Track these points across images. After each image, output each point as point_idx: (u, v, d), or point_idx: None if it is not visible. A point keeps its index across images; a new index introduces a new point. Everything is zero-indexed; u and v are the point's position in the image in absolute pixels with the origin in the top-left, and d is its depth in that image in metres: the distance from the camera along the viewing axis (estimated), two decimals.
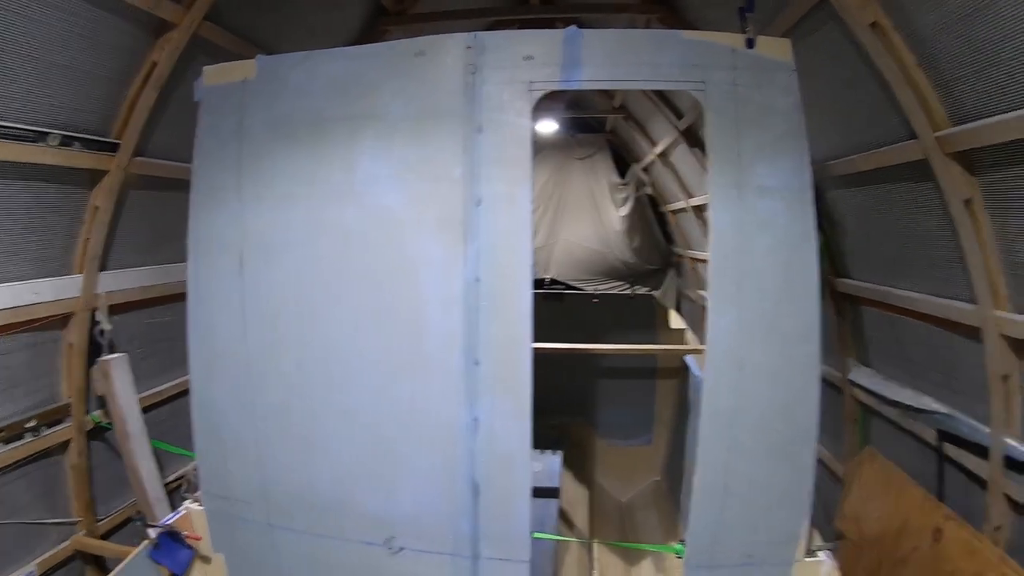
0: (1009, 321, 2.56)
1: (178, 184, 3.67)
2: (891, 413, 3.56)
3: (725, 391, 2.24)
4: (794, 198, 2.22)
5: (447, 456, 2.34)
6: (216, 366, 2.58)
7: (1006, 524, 2.68)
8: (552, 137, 8.74)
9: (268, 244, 2.50)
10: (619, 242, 9.07)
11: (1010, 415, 2.65)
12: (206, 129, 2.65)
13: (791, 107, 2.26)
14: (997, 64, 2.24)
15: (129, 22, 3.10)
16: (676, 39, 2.30)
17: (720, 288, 2.21)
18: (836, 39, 2.96)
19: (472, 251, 2.26)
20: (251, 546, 2.68)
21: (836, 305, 3.99)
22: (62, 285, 3.32)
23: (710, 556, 2.38)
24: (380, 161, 2.38)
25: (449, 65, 2.34)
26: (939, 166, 2.64)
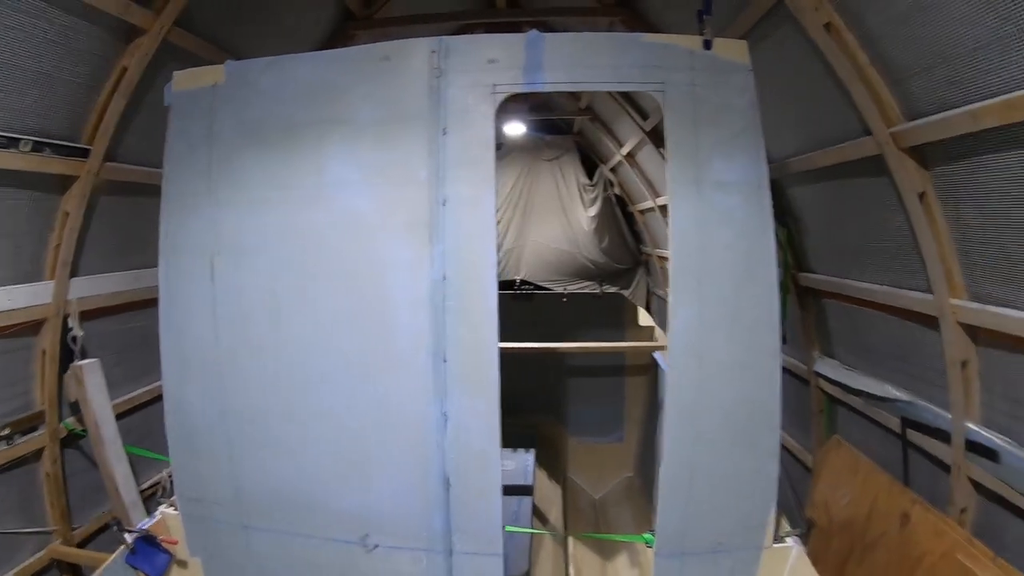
0: (965, 309, 2.65)
1: (149, 189, 3.66)
2: (856, 402, 3.66)
3: (689, 382, 2.30)
4: (752, 192, 2.28)
5: (419, 453, 2.38)
6: (188, 369, 2.59)
7: (971, 506, 2.76)
8: (520, 139, 8.83)
9: (239, 247, 2.52)
10: (588, 242, 9.18)
11: (970, 400, 2.73)
12: (176, 134, 2.67)
13: (747, 106, 2.33)
14: (945, 61, 2.33)
15: (99, 28, 3.10)
16: (635, 42, 2.36)
17: (681, 282, 2.27)
18: (792, 40, 3.04)
19: (438, 251, 2.30)
20: (227, 548, 2.69)
21: (800, 299, 4.08)
22: (34, 291, 3.30)
23: (680, 545, 2.43)
24: (348, 164, 2.41)
25: (415, 69, 2.38)
26: (893, 161, 2.73)
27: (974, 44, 2.16)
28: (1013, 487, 2.49)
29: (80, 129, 3.35)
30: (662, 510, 2.39)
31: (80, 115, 3.31)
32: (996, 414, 2.64)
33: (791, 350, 4.27)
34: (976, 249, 2.58)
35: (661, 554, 2.43)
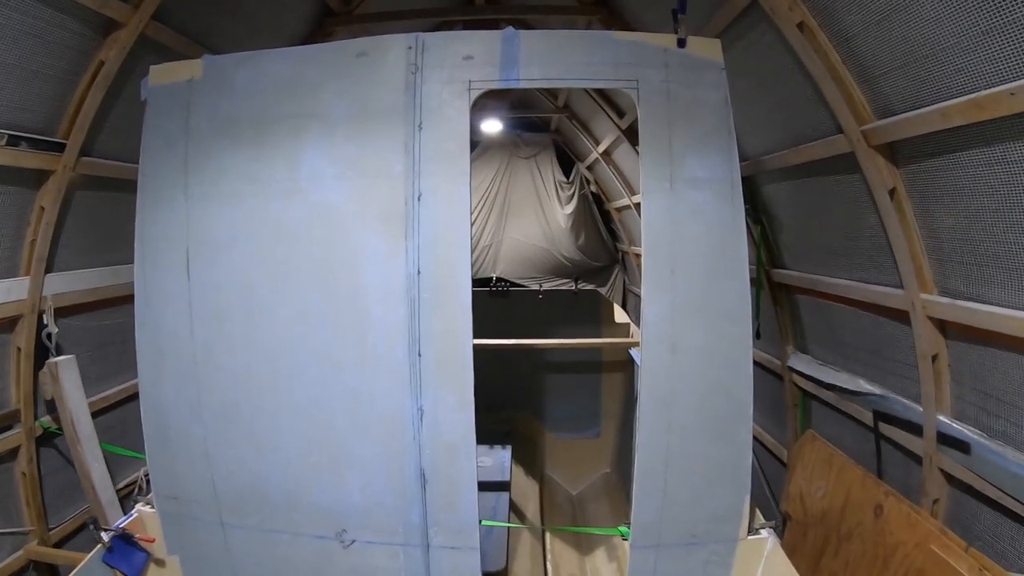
0: (935, 304, 2.71)
1: (125, 184, 3.64)
2: (829, 397, 3.72)
3: (661, 374, 2.32)
4: (723, 188, 2.31)
5: (394, 448, 2.38)
6: (164, 365, 2.58)
7: (943, 497, 2.82)
8: (498, 136, 8.86)
9: (214, 242, 2.51)
10: (565, 239, 9.25)
11: (940, 393, 2.80)
12: (152, 128, 2.65)
13: (721, 103, 2.36)
14: (916, 61, 2.38)
15: (77, 21, 3.07)
16: (610, 40, 2.38)
17: (653, 275, 2.29)
18: (767, 39, 3.09)
19: (413, 245, 2.31)
20: (205, 546, 2.68)
21: (774, 295, 4.14)
22: (8, 287, 3.26)
23: (655, 537, 2.46)
24: (324, 159, 2.41)
25: (391, 65, 2.39)
26: (864, 158, 2.78)
27: (944, 44, 2.21)
28: (984, 478, 2.55)
29: (56, 123, 3.31)
30: (637, 501, 2.41)
31: (56, 109, 3.27)
32: (966, 406, 2.70)
33: (765, 346, 4.32)
34: (945, 245, 2.63)
35: (636, 546, 2.45)
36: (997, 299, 2.41)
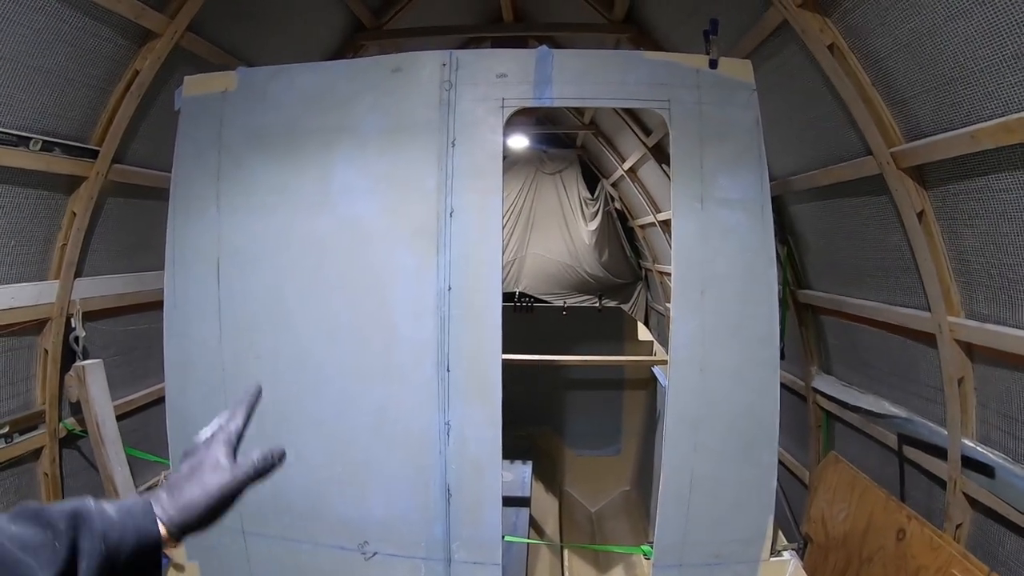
0: (962, 326, 2.69)
1: (156, 192, 3.69)
2: (853, 419, 3.69)
3: (690, 392, 2.32)
4: (754, 209, 2.31)
5: (420, 462, 2.39)
6: (191, 373, 2.60)
7: (966, 521, 2.78)
8: (523, 152, 8.91)
9: (245, 253, 2.54)
10: (588, 256, 9.26)
11: (966, 416, 2.77)
12: (185, 138, 2.69)
13: (752, 124, 2.36)
14: (946, 84, 2.38)
15: (113, 30, 3.12)
16: (643, 60, 2.40)
17: (683, 295, 2.30)
18: (797, 61, 3.09)
19: (444, 261, 2.33)
20: (225, 553, 2.69)
21: (799, 315, 4.12)
22: (38, 291, 3.31)
23: (678, 556, 2.44)
24: (355, 173, 2.44)
25: (425, 81, 2.42)
26: (893, 180, 2.77)
27: (974, 67, 2.21)
28: (1008, 502, 2.52)
29: (90, 130, 3.37)
30: (661, 520, 2.40)
31: (90, 117, 3.33)
32: (991, 430, 2.67)
33: (790, 366, 4.30)
34: (973, 268, 2.62)
35: (659, 565, 2.44)
36: None
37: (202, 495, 0.84)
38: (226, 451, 0.89)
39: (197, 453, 0.89)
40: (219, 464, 0.87)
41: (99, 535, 0.72)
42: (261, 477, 0.90)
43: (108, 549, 0.72)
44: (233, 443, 0.92)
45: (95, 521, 0.74)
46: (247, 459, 0.90)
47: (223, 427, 0.93)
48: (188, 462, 0.89)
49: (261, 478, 0.90)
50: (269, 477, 0.91)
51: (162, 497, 0.83)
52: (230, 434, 0.93)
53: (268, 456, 0.91)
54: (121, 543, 0.74)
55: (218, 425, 0.94)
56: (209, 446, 0.90)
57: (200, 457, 0.88)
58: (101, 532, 0.73)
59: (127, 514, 0.77)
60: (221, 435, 0.92)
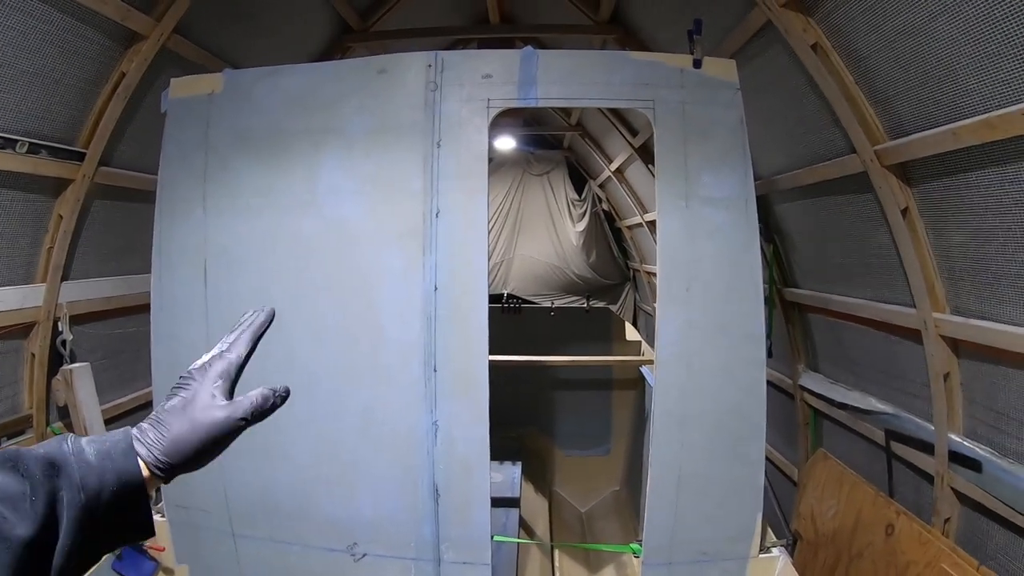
0: (947, 322, 2.71)
1: (142, 195, 3.68)
2: (841, 416, 3.71)
3: (675, 392, 2.32)
4: (739, 207, 2.32)
5: (408, 463, 2.38)
6: (178, 375, 2.59)
7: (955, 516, 2.81)
8: (510, 154, 8.93)
9: (231, 254, 2.53)
10: (576, 257, 9.29)
11: (952, 412, 2.80)
12: (172, 141, 2.68)
13: (736, 123, 2.37)
14: (929, 81, 2.41)
15: (99, 32, 3.12)
16: (627, 60, 2.41)
17: (669, 293, 2.30)
18: (780, 60, 3.12)
19: (431, 262, 2.33)
20: (214, 556, 2.68)
21: (785, 313, 4.15)
22: (25, 294, 3.30)
23: (667, 555, 2.45)
24: (342, 174, 2.43)
25: (410, 82, 2.41)
26: (877, 178, 2.79)
27: (957, 65, 2.23)
28: (996, 496, 2.54)
29: (76, 133, 3.36)
30: (650, 519, 2.40)
31: (77, 119, 3.32)
32: (978, 425, 2.70)
33: (777, 364, 4.32)
34: (958, 264, 2.65)
35: (648, 563, 2.44)
36: (1009, 317, 2.42)
37: (191, 433, 0.76)
38: (222, 385, 0.80)
39: (190, 384, 0.80)
40: (213, 400, 0.78)
41: (77, 485, 0.68)
42: (259, 419, 0.81)
43: (87, 498, 0.68)
44: (232, 376, 0.82)
45: (72, 468, 0.68)
46: (246, 398, 0.80)
47: (222, 355, 0.83)
48: (180, 394, 0.79)
49: (259, 419, 0.81)
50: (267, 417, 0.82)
51: (147, 432, 0.76)
52: (229, 365, 0.82)
53: (268, 396, 0.82)
54: (101, 489, 0.69)
55: (218, 352, 0.84)
56: (204, 377, 0.80)
57: (193, 390, 0.79)
58: (79, 480, 0.68)
59: (106, 456, 0.71)
60: (218, 364, 0.82)
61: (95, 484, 0.69)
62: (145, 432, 0.76)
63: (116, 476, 0.71)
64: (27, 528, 0.63)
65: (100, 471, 0.70)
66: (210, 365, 0.82)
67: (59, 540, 0.66)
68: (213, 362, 0.83)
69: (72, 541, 0.66)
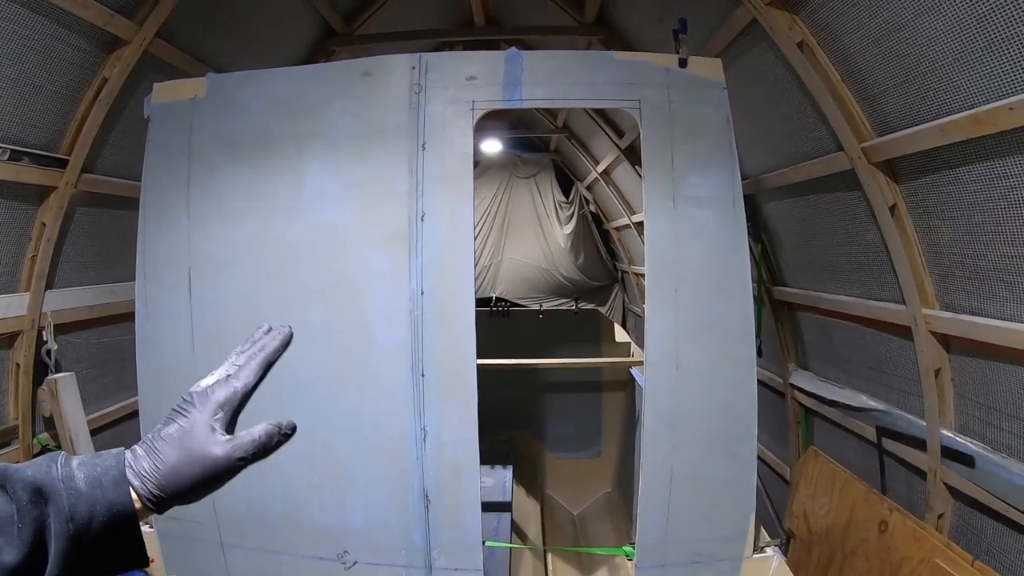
0: (937, 318, 2.71)
1: (127, 202, 3.64)
2: (832, 413, 3.71)
3: (665, 392, 2.31)
4: (726, 206, 2.32)
5: (397, 468, 2.36)
6: (164, 384, 2.56)
7: (948, 511, 2.81)
8: (497, 156, 8.92)
9: (216, 260, 2.50)
10: (564, 259, 9.30)
11: (944, 407, 2.79)
12: (155, 146, 2.65)
13: (722, 122, 2.37)
14: (915, 78, 2.40)
15: (81, 37, 3.08)
16: (612, 60, 2.40)
17: (657, 294, 2.29)
18: (767, 59, 3.12)
19: (416, 265, 2.31)
20: (204, 566, 2.64)
21: (775, 312, 4.15)
22: (8, 303, 3.25)
23: (660, 557, 2.43)
24: (327, 178, 2.42)
25: (395, 85, 2.40)
26: (865, 175, 2.79)
27: (943, 61, 2.23)
28: (989, 491, 2.54)
29: (59, 139, 3.31)
30: (642, 521, 2.39)
31: (59, 125, 3.28)
32: (970, 420, 2.70)
33: (767, 363, 4.33)
34: (947, 260, 2.65)
35: (641, 566, 2.43)
36: (999, 312, 2.42)
37: (186, 468, 0.71)
38: (223, 417, 0.75)
39: (189, 412, 0.75)
40: (212, 434, 0.73)
41: (65, 514, 0.65)
42: (261, 457, 0.76)
43: (76, 528, 0.65)
44: (235, 407, 0.77)
45: (61, 496, 0.66)
46: (247, 434, 0.75)
47: (227, 381, 0.78)
48: (178, 420, 0.74)
49: (261, 458, 0.76)
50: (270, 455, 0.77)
51: (141, 460, 0.71)
52: (233, 395, 0.77)
53: (273, 433, 0.76)
54: (91, 519, 0.66)
55: (224, 374, 0.79)
56: (204, 405, 0.75)
57: (192, 418, 0.74)
58: (67, 510, 0.65)
59: (97, 484, 0.68)
60: (221, 392, 0.76)
61: (84, 514, 0.66)
62: (139, 459, 0.72)
63: (107, 507, 0.68)
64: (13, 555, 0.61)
65: (90, 500, 0.67)
66: (212, 391, 0.76)
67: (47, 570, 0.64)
68: (216, 388, 0.77)
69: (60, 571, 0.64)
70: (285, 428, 0.78)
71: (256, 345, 0.83)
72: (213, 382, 0.78)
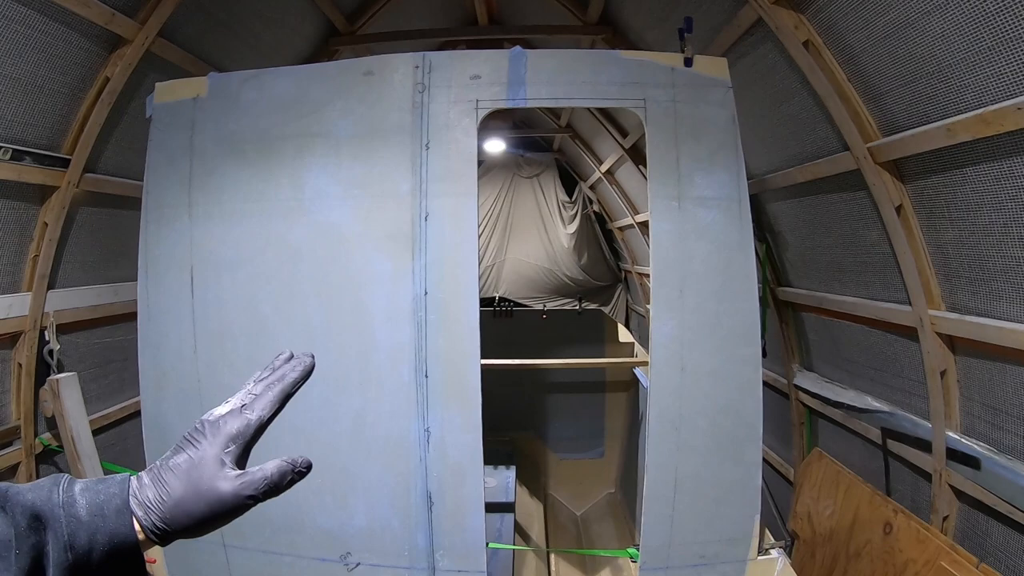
0: (943, 319, 2.70)
1: (129, 202, 3.63)
2: (836, 414, 3.69)
3: (670, 394, 2.30)
4: (731, 207, 2.30)
5: (400, 469, 2.35)
6: (166, 384, 2.55)
7: (953, 513, 2.80)
8: (500, 156, 8.91)
9: (218, 261, 2.49)
10: (567, 259, 9.29)
11: (949, 409, 2.78)
12: (157, 146, 2.64)
13: (728, 121, 2.35)
14: (922, 77, 2.39)
15: (83, 36, 3.07)
16: (617, 59, 2.38)
17: (662, 295, 2.28)
18: (772, 58, 3.10)
19: (420, 265, 2.29)
20: (206, 567, 2.63)
21: (779, 313, 4.13)
22: (10, 303, 3.24)
23: (664, 559, 2.42)
24: (329, 178, 2.40)
25: (398, 84, 2.38)
26: (871, 175, 2.77)
27: (950, 61, 2.22)
28: (994, 493, 2.53)
29: (60, 139, 3.31)
30: (647, 523, 2.37)
31: (61, 125, 3.27)
32: (976, 422, 2.68)
33: (771, 364, 4.31)
34: (953, 260, 2.63)
35: (645, 568, 2.41)
36: (1006, 314, 2.40)
37: (193, 503, 0.68)
38: (234, 451, 0.71)
39: (199, 442, 0.71)
40: (222, 468, 0.69)
41: (64, 543, 0.63)
42: (272, 495, 0.72)
43: (75, 557, 0.63)
44: (247, 440, 0.72)
45: (60, 524, 0.63)
46: (259, 471, 0.71)
47: (241, 411, 0.73)
48: (187, 451, 0.71)
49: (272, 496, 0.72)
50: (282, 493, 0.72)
51: (146, 489, 0.68)
52: (246, 428, 0.73)
53: (286, 471, 0.72)
54: (91, 549, 0.64)
55: (239, 404, 0.74)
56: (216, 436, 0.71)
57: (202, 450, 0.70)
58: (67, 538, 0.63)
59: (98, 512, 0.65)
60: (234, 423, 0.72)
61: (84, 543, 0.64)
62: (144, 488, 0.69)
63: (108, 537, 0.65)
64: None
65: (91, 529, 0.65)
66: (225, 422, 0.72)
67: None
68: (229, 419, 0.72)
69: None
70: (300, 466, 0.74)
71: (276, 374, 0.80)
72: (227, 411, 0.74)
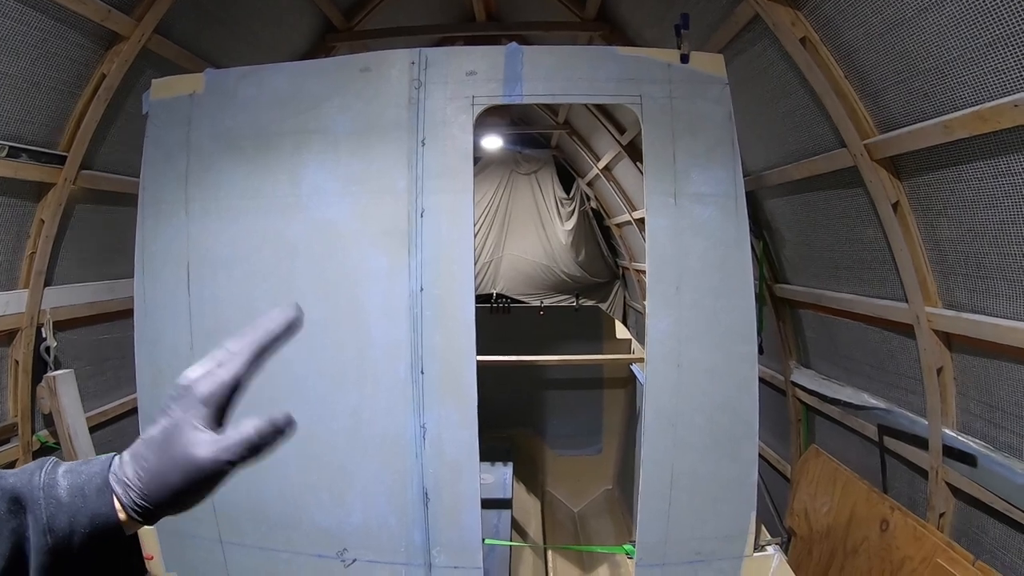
0: (940, 316, 2.70)
1: (126, 199, 3.62)
2: (833, 411, 3.70)
3: (666, 390, 2.30)
4: (728, 203, 2.30)
5: (396, 466, 2.35)
6: (163, 381, 2.55)
7: (949, 510, 2.80)
8: (498, 153, 8.90)
9: (215, 257, 2.49)
10: (565, 256, 9.30)
11: (946, 406, 2.78)
12: (154, 143, 2.63)
13: (724, 118, 2.35)
14: (919, 74, 2.38)
15: (78, 33, 3.06)
16: (613, 55, 2.38)
17: (658, 291, 2.28)
18: (769, 54, 3.09)
19: (416, 262, 2.30)
20: (202, 563, 2.64)
21: (776, 310, 4.13)
22: (7, 300, 3.24)
23: (661, 555, 2.42)
24: (326, 174, 2.40)
25: (394, 80, 2.38)
26: (867, 172, 2.77)
27: (947, 57, 2.21)
28: (991, 490, 2.53)
29: (57, 136, 3.30)
30: (642, 519, 2.38)
31: (57, 122, 3.26)
32: (972, 419, 2.68)
33: (768, 361, 4.31)
34: (950, 257, 2.63)
35: (641, 564, 2.42)
36: (1002, 311, 2.40)
37: (171, 473, 0.63)
38: (207, 413, 0.65)
39: (172, 409, 0.65)
40: (195, 432, 0.64)
41: (43, 526, 0.60)
42: (255, 456, 0.65)
43: (55, 541, 0.60)
44: (220, 401, 0.66)
45: (39, 507, 0.61)
46: (235, 432, 0.65)
47: (213, 372, 0.67)
48: (162, 421, 0.65)
49: (255, 457, 0.65)
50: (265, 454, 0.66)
51: (125, 466, 0.64)
52: (218, 387, 0.66)
53: (263, 429, 0.65)
54: (72, 532, 0.61)
55: (214, 364, 0.67)
56: (187, 400, 0.65)
57: (175, 417, 0.65)
58: (45, 521, 0.60)
59: (79, 493, 0.62)
60: (205, 384, 0.66)
61: (64, 525, 0.61)
62: (124, 466, 0.64)
63: (88, 518, 0.62)
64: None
65: (71, 511, 0.61)
66: (197, 384, 0.66)
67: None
68: (202, 380, 0.66)
69: None
70: (280, 423, 0.66)
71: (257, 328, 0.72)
72: (201, 373, 0.67)
